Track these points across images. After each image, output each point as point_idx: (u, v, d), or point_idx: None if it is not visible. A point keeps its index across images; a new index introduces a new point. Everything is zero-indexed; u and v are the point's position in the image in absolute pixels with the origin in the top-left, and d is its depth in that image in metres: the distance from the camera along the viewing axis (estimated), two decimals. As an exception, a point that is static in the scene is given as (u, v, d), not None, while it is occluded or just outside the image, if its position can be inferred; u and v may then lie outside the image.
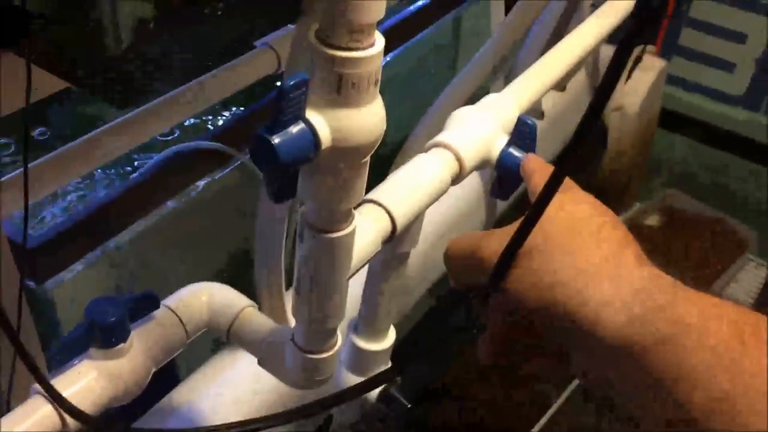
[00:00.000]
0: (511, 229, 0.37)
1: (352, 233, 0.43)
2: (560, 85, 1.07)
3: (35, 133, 0.86)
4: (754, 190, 1.33)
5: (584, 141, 0.37)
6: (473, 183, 0.88)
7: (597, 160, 1.24)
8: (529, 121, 0.54)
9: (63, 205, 0.87)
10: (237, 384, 0.64)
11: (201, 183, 0.72)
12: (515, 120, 0.60)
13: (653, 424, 0.33)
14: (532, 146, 0.55)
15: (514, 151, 0.55)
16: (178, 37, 0.40)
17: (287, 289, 0.64)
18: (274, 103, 0.35)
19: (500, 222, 0.97)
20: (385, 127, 0.39)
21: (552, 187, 0.35)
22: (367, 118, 0.38)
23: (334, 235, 0.42)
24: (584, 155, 1.26)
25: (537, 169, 0.43)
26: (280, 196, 0.39)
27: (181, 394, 0.65)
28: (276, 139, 0.36)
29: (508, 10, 0.91)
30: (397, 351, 0.62)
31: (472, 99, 0.84)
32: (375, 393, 0.61)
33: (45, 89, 0.45)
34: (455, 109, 0.79)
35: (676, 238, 1.16)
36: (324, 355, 0.49)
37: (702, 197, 1.27)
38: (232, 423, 0.43)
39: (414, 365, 0.53)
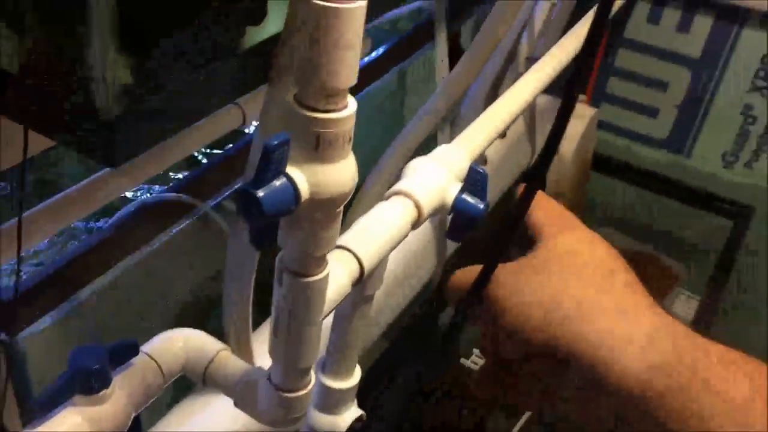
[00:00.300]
0: (515, 265, 0.38)
1: (326, 277, 0.47)
2: (501, 133, 1.13)
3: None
4: (681, 227, 1.42)
5: (549, 159, 0.41)
6: (425, 228, 0.93)
7: (537, 202, 1.31)
8: (480, 170, 0.59)
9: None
10: (210, 426, 0.66)
11: (166, 234, 0.74)
12: (466, 168, 0.65)
13: None
14: (483, 192, 0.60)
15: (467, 197, 0.60)
16: (159, 98, 0.44)
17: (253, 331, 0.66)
18: (259, 160, 0.39)
19: (450, 263, 1.02)
20: (357, 180, 0.43)
21: (527, 199, 0.38)
22: (342, 173, 0.42)
23: (310, 279, 0.46)
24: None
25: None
26: (262, 243, 0.43)
27: (151, 440, 0.67)
28: (260, 193, 0.39)
29: (452, 64, 0.97)
30: (362, 392, 0.65)
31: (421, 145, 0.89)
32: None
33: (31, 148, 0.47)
34: (405, 158, 0.84)
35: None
36: (299, 393, 0.52)
37: (634, 235, 1.35)
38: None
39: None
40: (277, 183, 0.40)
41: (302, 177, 0.40)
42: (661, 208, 1.42)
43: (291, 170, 0.40)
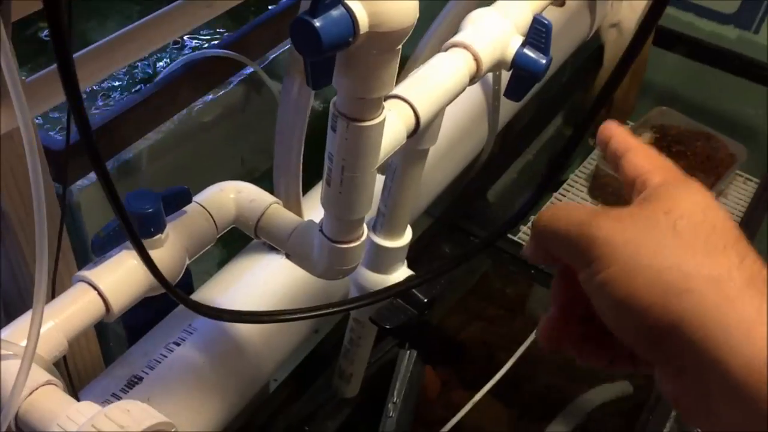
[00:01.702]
0: (626, 211, 0.32)
1: (382, 123, 0.45)
2: (560, 0, 1.07)
3: (43, 34, 0.88)
4: (746, 106, 1.36)
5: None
6: (478, 93, 0.90)
7: (591, 77, 1.25)
8: (545, 21, 0.55)
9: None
10: (257, 283, 0.67)
11: (214, 93, 0.73)
12: (528, 21, 0.61)
13: None
14: (546, 47, 0.57)
15: (529, 52, 0.57)
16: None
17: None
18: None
19: (501, 136, 0.99)
20: (417, 15, 0.40)
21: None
22: (402, 4, 0.39)
23: (366, 123, 0.44)
24: (580, 72, 1.27)
25: (614, 134, 0.39)
26: (317, 81, 0.41)
27: (203, 294, 0.68)
28: (317, 23, 0.37)
29: None
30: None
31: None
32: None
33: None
34: (463, 14, 0.80)
35: (668, 153, 1.19)
36: (351, 245, 0.51)
37: (693, 114, 1.30)
38: (274, 311, 0.46)
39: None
40: (335, 12, 0.37)
41: (361, 7, 0.38)
42: (726, 86, 1.35)
43: (351, 2, 0.38)
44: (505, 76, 0.71)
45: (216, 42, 0.85)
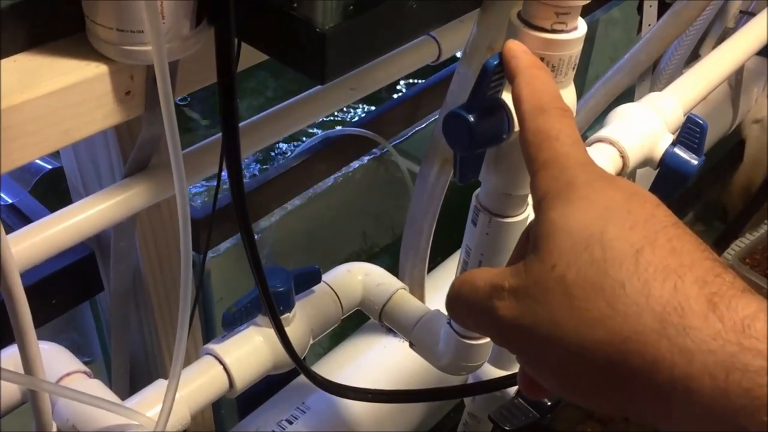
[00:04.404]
0: (525, 267, 0.29)
1: (525, 220, 0.44)
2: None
3: (177, 99, 0.92)
4: None
5: None
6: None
7: (730, 174, 1.19)
8: (700, 121, 0.53)
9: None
10: (372, 366, 0.65)
11: (348, 168, 0.74)
12: (679, 119, 0.59)
13: None
14: (699, 148, 0.54)
15: (680, 152, 0.54)
16: (372, 20, 0.41)
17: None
18: (476, 81, 0.36)
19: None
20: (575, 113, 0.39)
21: None
22: (560, 104, 0.37)
23: (509, 219, 0.43)
24: (718, 167, 1.22)
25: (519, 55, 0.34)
26: (464, 175, 0.40)
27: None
28: (472, 118, 0.36)
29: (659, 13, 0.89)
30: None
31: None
32: (514, 387, 0.61)
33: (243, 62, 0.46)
34: (602, 107, 0.78)
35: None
36: (479, 342, 0.49)
37: None
38: (394, 390, 0.44)
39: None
40: (492, 109, 0.36)
41: (517, 105, 0.37)
42: None
43: (506, 96, 0.37)
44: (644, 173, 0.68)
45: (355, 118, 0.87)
